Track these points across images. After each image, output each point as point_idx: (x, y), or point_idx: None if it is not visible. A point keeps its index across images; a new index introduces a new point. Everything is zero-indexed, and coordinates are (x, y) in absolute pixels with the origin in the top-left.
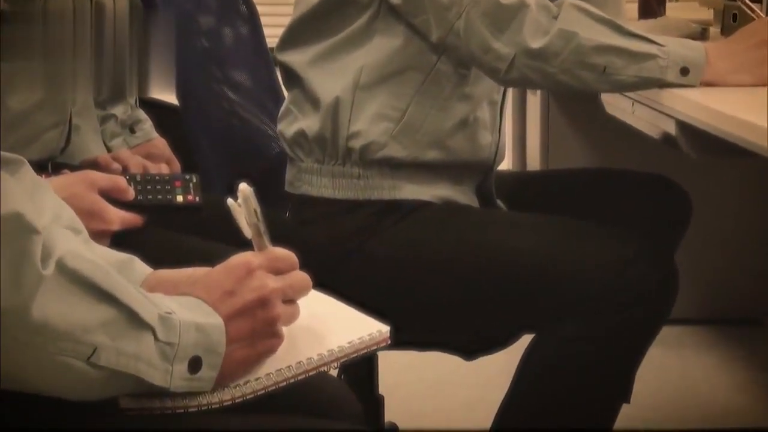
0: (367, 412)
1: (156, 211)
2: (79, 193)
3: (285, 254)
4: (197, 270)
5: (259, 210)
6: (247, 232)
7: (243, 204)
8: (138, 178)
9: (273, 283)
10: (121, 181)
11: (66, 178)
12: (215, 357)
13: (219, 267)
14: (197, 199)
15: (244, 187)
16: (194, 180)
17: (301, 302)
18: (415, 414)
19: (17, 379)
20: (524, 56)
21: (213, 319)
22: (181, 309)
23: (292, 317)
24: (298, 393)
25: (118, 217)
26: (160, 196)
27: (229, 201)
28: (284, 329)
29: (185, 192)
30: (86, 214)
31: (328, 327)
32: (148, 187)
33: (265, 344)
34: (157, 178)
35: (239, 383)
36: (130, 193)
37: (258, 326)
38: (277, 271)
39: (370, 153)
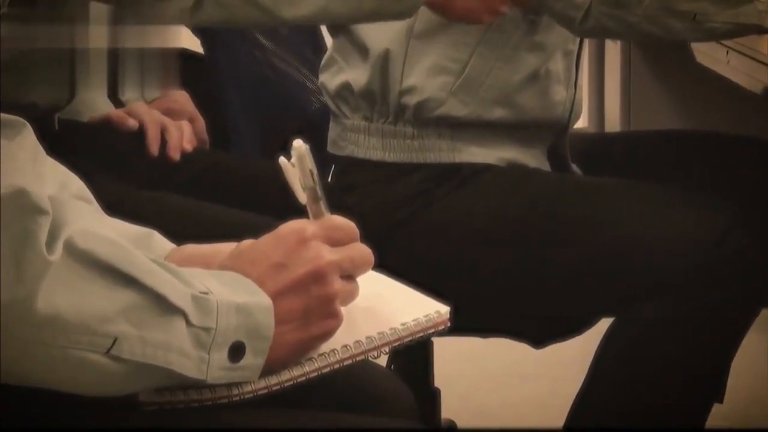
0: (421, 408)
1: None
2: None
3: (344, 223)
4: (242, 243)
5: (315, 171)
6: (302, 196)
7: (297, 164)
8: None
9: (330, 254)
10: None
11: None
12: (261, 342)
13: (267, 236)
14: None
15: (299, 144)
16: None
17: None
18: (475, 410)
19: (24, 377)
20: (602, 3)
21: (259, 298)
22: (220, 287)
23: (350, 295)
24: (342, 385)
25: None
26: None
27: (281, 160)
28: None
29: None
30: None
31: (377, 306)
32: None
33: (320, 326)
34: None
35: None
36: None
37: (312, 304)
38: (335, 242)
39: (426, 111)
